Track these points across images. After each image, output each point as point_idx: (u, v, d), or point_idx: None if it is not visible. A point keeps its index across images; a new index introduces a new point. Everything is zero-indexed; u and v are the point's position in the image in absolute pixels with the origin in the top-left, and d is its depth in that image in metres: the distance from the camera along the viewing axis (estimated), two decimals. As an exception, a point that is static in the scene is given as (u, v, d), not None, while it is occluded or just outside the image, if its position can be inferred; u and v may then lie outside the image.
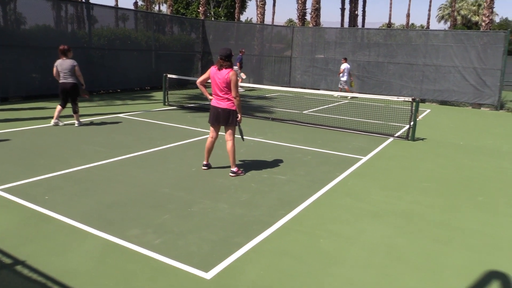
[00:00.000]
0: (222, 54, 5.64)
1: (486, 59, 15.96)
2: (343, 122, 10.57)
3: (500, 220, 4.84)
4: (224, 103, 5.75)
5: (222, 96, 5.73)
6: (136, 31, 16.87)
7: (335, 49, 19.30)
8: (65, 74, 8.56)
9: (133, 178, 5.66)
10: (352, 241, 4.11)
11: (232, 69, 5.66)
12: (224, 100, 5.74)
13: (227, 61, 5.64)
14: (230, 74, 5.61)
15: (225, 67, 5.63)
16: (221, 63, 5.64)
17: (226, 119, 5.81)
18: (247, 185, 5.57)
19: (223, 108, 5.77)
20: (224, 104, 5.75)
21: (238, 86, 5.69)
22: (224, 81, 5.62)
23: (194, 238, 3.97)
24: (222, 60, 5.63)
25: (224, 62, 5.63)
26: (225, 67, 5.63)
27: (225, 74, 5.61)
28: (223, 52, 5.65)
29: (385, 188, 5.77)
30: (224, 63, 5.63)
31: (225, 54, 5.64)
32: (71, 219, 4.25)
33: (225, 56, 5.63)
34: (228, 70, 5.62)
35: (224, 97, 5.73)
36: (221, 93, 5.72)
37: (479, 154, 8.11)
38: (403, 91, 17.38)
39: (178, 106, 12.47)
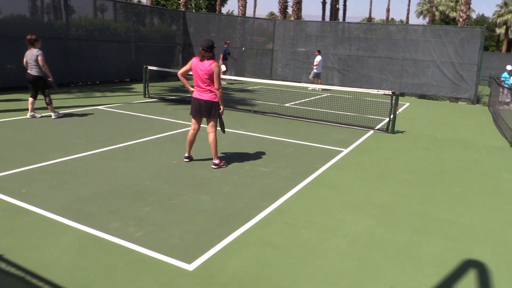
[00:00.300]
0: (204, 45, 5.58)
1: (463, 54, 16.27)
2: (325, 115, 10.64)
3: (476, 211, 4.96)
4: (206, 95, 5.70)
5: (204, 88, 5.67)
6: (115, 22, 16.58)
7: (317, 42, 19.37)
8: (30, 65, 8.24)
9: (113, 171, 5.58)
10: (333, 231, 4.16)
11: (214, 60, 5.61)
12: (206, 92, 5.68)
13: (209, 52, 5.57)
14: (212, 66, 5.55)
15: (207, 58, 5.57)
16: (203, 54, 5.57)
17: (208, 111, 5.76)
18: (229, 177, 5.56)
19: (205, 100, 5.71)
20: (206, 96, 5.70)
21: (220, 78, 5.65)
22: (206, 73, 5.56)
23: (176, 230, 3.95)
24: (204, 51, 5.56)
25: (206, 53, 5.56)
26: (207, 58, 5.57)
27: (207, 65, 5.55)
28: (205, 43, 5.58)
29: (365, 180, 5.85)
30: (206, 54, 5.56)
31: (207, 45, 5.57)
32: (50, 212, 4.17)
33: (207, 47, 5.56)
34: (210, 61, 5.57)
35: (206, 88, 5.67)
36: (203, 84, 5.66)
37: (456, 147, 8.29)
38: (383, 85, 17.58)
39: (159, 98, 12.33)
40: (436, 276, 3.44)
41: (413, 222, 4.51)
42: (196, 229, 4.00)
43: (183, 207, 4.51)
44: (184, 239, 3.78)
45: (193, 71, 5.73)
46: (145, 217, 4.19)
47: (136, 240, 3.71)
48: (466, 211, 4.92)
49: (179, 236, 3.83)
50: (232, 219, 4.28)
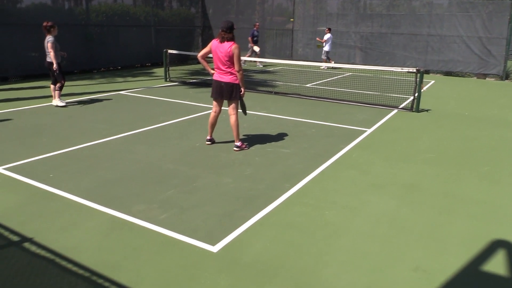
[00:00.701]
0: (224, 26, 5.50)
1: (492, 28, 15.66)
2: (347, 95, 10.47)
3: (504, 190, 4.83)
4: (227, 77, 5.65)
5: (224, 70, 5.62)
6: (135, 7, 16.60)
7: (337, 20, 18.98)
8: (46, 52, 8.30)
9: (136, 155, 5.65)
10: (356, 212, 4.12)
11: (234, 42, 5.54)
12: (227, 74, 5.64)
13: (229, 33, 5.50)
14: (232, 47, 5.48)
15: (227, 40, 5.50)
16: (223, 35, 5.50)
17: (229, 93, 5.72)
18: (251, 159, 5.56)
19: (226, 82, 5.67)
20: (227, 78, 5.65)
21: (240, 60, 5.60)
22: (226, 55, 5.50)
23: (199, 213, 3.99)
24: (224, 33, 5.49)
25: (226, 34, 5.49)
26: (227, 40, 5.50)
27: (227, 47, 5.48)
28: (225, 25, 5.51)
29: (389, 160, 5.75)
30: (226, 35, 5.49)
31: (226, 26, 5.49)
32: (76, 196, 4.26)
33: (226, 28, 5.49)
34: (230, 43, 5.50)
35: (226, 71, 5.62)
36: (223, 66, 5.61)
37: (484, 125, 8.05)
38: (407, 62, 17.15)
39: (180, 82, 12.37)
40: (462, 257, 3.38)
41: (438, 202, 4.43)
42: (219, 211, 4.03)
43: (205, 189, 4.54)
44: (207, 221, 3.82)
45: (213, 53, 5.68)
46: (168, 200, 4.24)
47: (160, 223, 3.76)
48: (494, 190, 4.80)
49: (202, 218, 3.87)
50: (254, 201, 4.28)
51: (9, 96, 9.64)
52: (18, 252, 3.27)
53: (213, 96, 5.90)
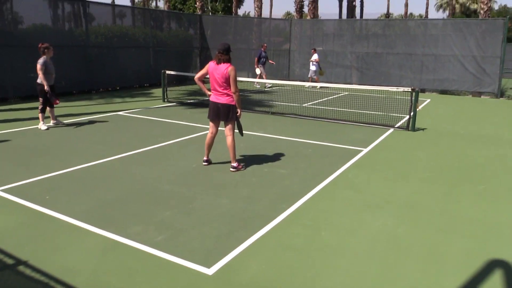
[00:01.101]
0: (220, 48, 5.60)
1: (485, 47, 15.88)
2: (344, 114, 10.54)
3: (501, 208, 4.83)
4: (223, 98, 5.71)
5: (221, 91, 5.68)
6: (133, 28, 16.81)
7: (334, 41, 19.22)
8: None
9: (133, 176, 5.66)
10: (353, 232, 4.11)
11: (230, 63, 5.62)
12: (224, 95, 5.70)
13: (226, 55, 5.58)
14: (229, 69, 5.55)
15: (223, 61, 5.58)
16: (219, 57, 5.58)
17: (226, 114, 5.78)
18: (248, 180, 5.56)
19: (222, 103, 5.73)
20: (224, 99, 5.71)
21: (236, 81, 5.64)
22: (223, 76, 5.56)
23: (196, 234, 3.97)
24: (221, 54, 5.58)
25: (222, 56, 5.57)
26: (223, 61, 5.58)
27: (223, 69, 5.55)
28: (221, 47, 5.61)
29: (386, 179, 5.76)
30: (223, 57, 5.57)
31: (223, 48, 5.59)
32: (72, 218, 4.25)
33: (223, 50, 5.58)
34: (226, 65, 5.57)
35: (223, 92, 5.68)
36: (220, 88, 5.67)
37: (480, 143, 8.09)
38: (402, 82, 17.31)
39: (178, 102, 12.44)
40: (461, 278, 3.36)
41: (435, 221, 4.42)
42: (215, 232, 4.01)
43: (202, 210, 4.53)
44: (204, 243, 3.80)
45: (209, 74, 5.76)
46: (165, 221, 4.23)
47: (156, 245, 3.74)
48: (491, 209, 4.80)
49: (198, 240, 3.85)
50: (251, 222, 4.27)
51: (8, 116, 9.68)
52: (13, 276, 3.25)
53: (210, 117, 5.95)
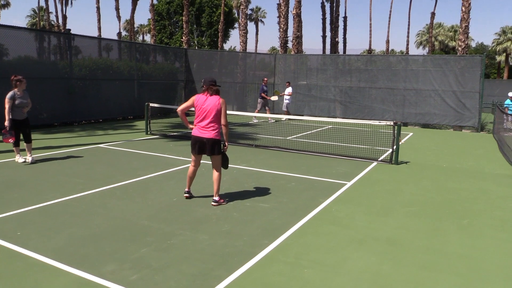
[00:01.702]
0: (213, 80, 5.64)
1: (465, 83, 16.30)
2: (327, 148, 10.56)
3: (485, 243, 4.78)
4: (210, 132, 5.60)
5: (208, 125, 5.59)
6: (119, 61, 16.87)
7: (317, 75, 19.54)
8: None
9: (111, 210, 5.47)
10: (336, 270, 3.98)
11: (219, 96, 5.62)
12: (210, 129, 5.59)
13: (217, 86, 5.63)
14: (221, 101, 5.56)
15: (215, 93, 5.59)
16: (212, 88, 5.59)
17: (212, 149, 5.64)
18: (229, 215, 5.43)
19: (208, 138, 5.60)
20: (211, 133, 5.60)
21: (227, 114, 5.64)
22: (214, 108, 5.52)
23: (173, 273, 3.80)
24: (213, 85, 5.60)
25: (214, 86, 5.60)
26: (215, 93, 5.59)
27: (215, 100, 5.54)
28: (212, 78, 5.66)
29: (369, 214, 5.69)
30: (215, 88, 5.59)
31: (213, 80, 5.66)
32: (43, 256, 4.04)
33: (214, 81, 5.64)
34: (218, 97, 5.58)
35: (210, 126, 5.59)
36: (208, 120, 5.57)
37: (462, 176, 8.13)
38: (385, 115, 17.57)
39: (161, 135, 12.34)
40: (446, 317, 3.25)
41: (420, 257, 4.33)
42: (193, 270, 3.85)
43: (180, 247, 4.37)
44: (180, 282, 3.63)
45: (197, 108, 5.65)
46: (141, 259, 4.05)
47: (130, 285, 3.56)
48: (476, 244, 4.74)
49: (175, 279, 3.68)
50: (231, 259, 4.12)
51: (-16, 149, 9.42)
52: (-27, 320, 3.03)
53: (194, 152, 5.80)
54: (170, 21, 37.83)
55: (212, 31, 36.66)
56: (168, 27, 37.75)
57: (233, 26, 40.67)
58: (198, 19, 36.77)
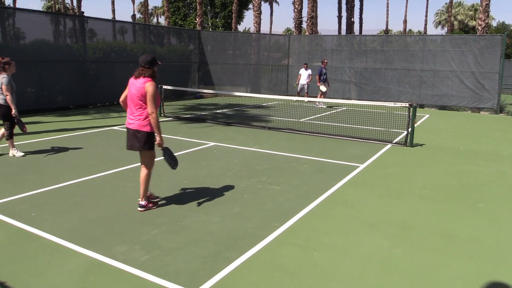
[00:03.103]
0: (141, 60, 4.70)
1: (484, 63, 15.87)
2: (341, 130, 10.44)
3: (500, 227, 4.68)
4: (134, 122, 4.71)
5: (135, 112, 4.71)
6: (134, 43, 16.86)
7: (332, 56, 19.24)
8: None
9: (123, 192, 5.52)
10: (346, 253, 3.96)
11: (151, 79, 4.67)
12: (135, 118, 4.71)
13: (148, 69, 4.67)
14: (146, 84, 4.59)
15: (143, 76, 4.65)
16: (140, 71, 4.68)
17: (137, 142, 4.75)
18: (240, 197, 5.43)
19: (133, 129, 4.73)
20: (135, 123, 4.70)
21: (156, 100, 4.63)
22: (138, 92, 4.61)
23: (183, 254, 3.82)
24: (142, 68, 4.67)
25: (143, 70, 4.66)
26: (143, 76, 4.65)
27: (141, 83, 4.62)
28: (143, 59, 4.71)
29: (382, 197, 5.62)
30: (143, 71, 4.66)
31: (144, 60, 4.68)
32: (56, 237, 4.10)
33: (145, 62, 4.67)
34: (145, 79, 4.63)
35: (136, 114, 4.69)
36: (134, 108, 4.70)
37: (479, 159, 7.96)
38: (401, 97, 17.27)
39: (174, 117, 12.36)
40: (457, 301, 3.20)
41: (433, 241, 4.27)
42: (203, 252, 3.87)
43: (191, 229, 4.39)
44: (190, 264, 3.65)
45: (128, 93, 4.83)
46: (152, 241, 4.08)
47: (140, 265, 3.59)
48: (491, 228, 4.65)
49: (185, 260, 3.70)
50: (241, 241, 4.12)
51: (1, 132, 9.57)
52: (-13, 299, 3.10)
53: (127, 147, 4.95)
54: (184, 3, 37.58)
55: (226, 12, 36.29)
56: (182, 9, 37.52)
57: (247, 7, 40.16)
58: (212, 0, 36.41)
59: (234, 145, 8.57)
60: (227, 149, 8.20)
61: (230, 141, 8.89)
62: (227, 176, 6.32)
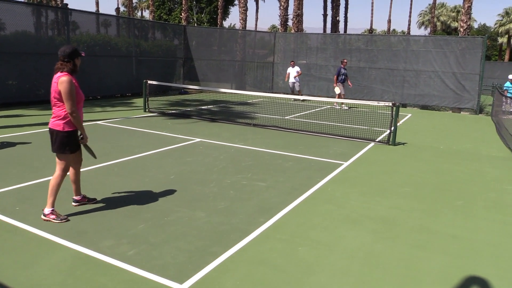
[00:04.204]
0: (59, 53, 4.25)
1: (465, 64, 16.22)
2: (325, 128, 10.57)
3: (478, 224, 4.84)
4: (51, 120, 4.36)
5: (52, 111, 4.36)
6: (118, 37, 16.69)
7: (317, 54, 19.39)
8: None
9: (109, 187, 5.52)
10: (330, 248, 4.05)
11: (68, 74, 4.22)
12: (52, 116, 4.36)
13: (68, 63, 4.23)
14: (60, 80, 4.16)
15: (61, 70, 4.23)
16: (59, 65, 4.25)
17: (53, 144, 4.38)
18: (226, 193, 5.48)
19: (49, 128, 4.39)
20: (51, 121, 4.35)
21: (73, 97, 4.22)
22: (53, 89, 4.23)
23: (170, 248, 3.86)
24: (61, 62, 4.24)
25: (62, 64, 4.24)
26: (61, 70, 4.23)
27: (55, 78, 4.23)
28: (61, 52, 4.25)
29: (365, 194, 5.74)
30: (63, 65, 4.24)
31: (63, 53, 4.23)
32: (42, 230, 4.10)
33: (63, 55, 4.22)
34: (61, 74, 4.21)
35: (53, 111, 4.34)
36: (52, 105, 4.35)
37: (459, 158, 8.17)
38: (384, 96, 17.52)
39: (159, 112, 12.31)
40: (436, 294, 3.33)
41: (413, 237, 4.40)
42: (190, 247, 3.91)
43: (177, 223, 4.43)
44: (177, 258, 3.69)
45: None
46: (139, 235, 4.11)
47: (128, 259, 3.62)
48: (468, 225, 4.81)
49: (172, 255, 3.74)
50: (227, 236, 4.18)
51: (-19, 124, 9.41)
52: (-27, 292, 3.09)
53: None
54: (169, -3, 37.25)
55: (212, 8, 36.15)
56: (167, 3, 37.20)
57: (233, 3, 40.05)
58: (197, -5, 36.20)
59: (219, 141, 8.60)
60: (213, 145, 8.24)
61: (215, 137, 8.92)
62: (213, 172, 6.37)
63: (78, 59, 4.36)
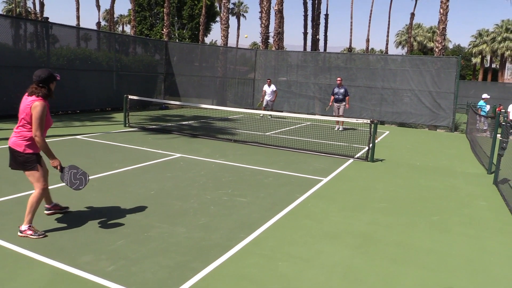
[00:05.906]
0: (35, 78, 4.23)
1: (440, 83, 16.71)
2: (305, 144, 10.70)
3: (453, 239, 4.97)
4: (12, 138, 4.30)
5: (16, 128, 4.31)
6: (98, 51, 16.63)
7: (298, 71, 19.68)
8: None
9: (88, 202, 5.46)
10: (310, 263, 4.10)
11: (42, 99, 4.21)
12: (15, 134, 4.31)
13: (42, 88, 4.23)
14: (34, 104, 4.13)
15: (36, 95, 4.20)
16: (33, 89, 4.22)
17: (14, 162, 4.36)
18: (207, 208, 5.49)
19: (9, 146, 4.30)
20: (12, 140, 4.28)
21: (42, 122, 4.20)
22: (24, 111, 4.20)
23: (150, 264, 3.84)
24: (35, 87, 4.23)
25: (37, 88, 4.22)
26: (36, 95, 4.20)
27: (29, 101, 4.19)
28: (36, 77, 4.23)
29: (344, 209, 5.83)
30: (37, 90, 4.21)
31: (38, 78, 4.22)
32: (19, 246, 4.02)
33: (38, 80, 4.22)
34: (33, 98, 4.19)
35: (17, 130, 4.29)
36: (18, 123, 4.31)
37: (435, 174, 8.38)
38: (363, 113, 17.85)
39: (139, 127, 12.26)
40: (413, 308, 3.39)
41: (391, 251, 4.49)
42: (169, 262, 3.90)
43: (157, 239, 4.41)
44: (157, 274, 3.68)
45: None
46: (118, 250, 4.08)
47: (107, 275, 3.58)
48: (444, 240, 4.93)
49: (151, 270, 3.72)
50: (207, 251, 4.19)
51: (-44, 138, 9.20)
52: None
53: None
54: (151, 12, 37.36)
55: (194, 24, 36.38)
56: (149, 19, 37.27)
57: (215, 20, 40.45)
58: (179, 11, 36.42)
59: (200, 157, 8.62)
60: (193, 160, 8.25)
61: (196, 153, 8.93)
62: (194, 188, 6.37)
63: (53, 83, 4.35)
